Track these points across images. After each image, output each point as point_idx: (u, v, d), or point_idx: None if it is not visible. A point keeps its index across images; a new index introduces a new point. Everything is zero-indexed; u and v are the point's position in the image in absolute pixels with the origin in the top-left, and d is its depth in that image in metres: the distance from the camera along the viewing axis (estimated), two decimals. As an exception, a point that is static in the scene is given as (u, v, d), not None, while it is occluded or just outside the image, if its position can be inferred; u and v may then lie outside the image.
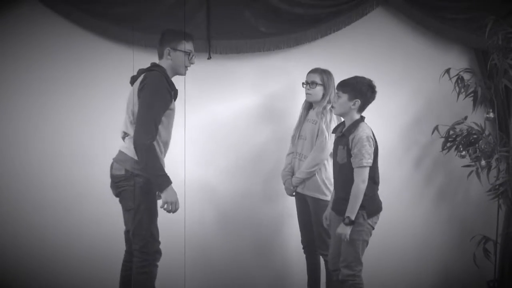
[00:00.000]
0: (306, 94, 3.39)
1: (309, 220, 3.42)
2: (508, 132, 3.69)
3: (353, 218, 2.88)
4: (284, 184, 3.49)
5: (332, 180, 3.25)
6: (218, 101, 3.56)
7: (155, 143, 2.77)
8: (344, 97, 2.96)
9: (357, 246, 2.92)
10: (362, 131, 2.93)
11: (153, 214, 2.87)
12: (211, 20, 3.52)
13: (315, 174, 3.31)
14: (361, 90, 2.96)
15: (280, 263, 3.78)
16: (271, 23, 3.58)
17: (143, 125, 2.72)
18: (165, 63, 2.93)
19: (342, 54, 3.74)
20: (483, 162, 3.58)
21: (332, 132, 3.18)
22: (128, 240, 3.02)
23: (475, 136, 3.62)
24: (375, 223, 2.97)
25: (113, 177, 2.90)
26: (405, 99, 3.84)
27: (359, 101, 2.96)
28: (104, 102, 3.55)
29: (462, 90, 3.60)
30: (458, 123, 3.67)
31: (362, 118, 3.01)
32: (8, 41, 3.46)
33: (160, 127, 2.80)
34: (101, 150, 3.53)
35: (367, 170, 2.89)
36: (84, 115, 3.55)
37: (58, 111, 3.53)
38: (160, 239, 2.96)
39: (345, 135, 2.96)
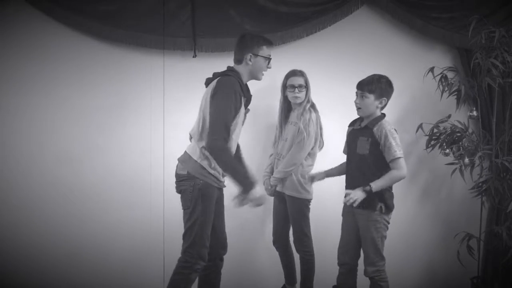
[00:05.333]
0: (294, 97, 3.38)
1: (283, 218, 3.45)
2: (491, 130, 3.72)
3: (373, 190, 2.86)
4: (263, 184, 3.51)
5: None
6: (203, 99, 3.57)
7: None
8: (371, 97, 2.96)
9: (377, 243, 2.97)
10: (388, 125, 2.97)
11: (207, 219, 2.85)
12: (196, 18, 3.53)
13: (292, 173, 3.33)
14: (386, 89, 2.99)
15: (263, 262, 3.80)
16: (256, 21, 3.59)
17: (216, 129, 2.70)
18: (243, 68, 2.92)
19: (327, 53, 3.77)
20: (466, 160, 3.61)
21: (349, 126, 3.18)
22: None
23: (458, 134, 3.65)
24: (389, 219, 3.02)
25: (176, 176, 2.92)
26: (389, 97, 3.86)
27: (386, 99, 2.99)
28: (101, 101, 3.58)
29: (446, 88, 3.63)
30: (442, 121, 3.69)
31: (384, 115, 3.03)
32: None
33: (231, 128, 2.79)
34: (99, 149, 3.58)
35: (403, 161, 2.91)
36: (75, 113, 3.57)
37: (55, 110, 3.56)
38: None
39: (368, 127, 2.97)
